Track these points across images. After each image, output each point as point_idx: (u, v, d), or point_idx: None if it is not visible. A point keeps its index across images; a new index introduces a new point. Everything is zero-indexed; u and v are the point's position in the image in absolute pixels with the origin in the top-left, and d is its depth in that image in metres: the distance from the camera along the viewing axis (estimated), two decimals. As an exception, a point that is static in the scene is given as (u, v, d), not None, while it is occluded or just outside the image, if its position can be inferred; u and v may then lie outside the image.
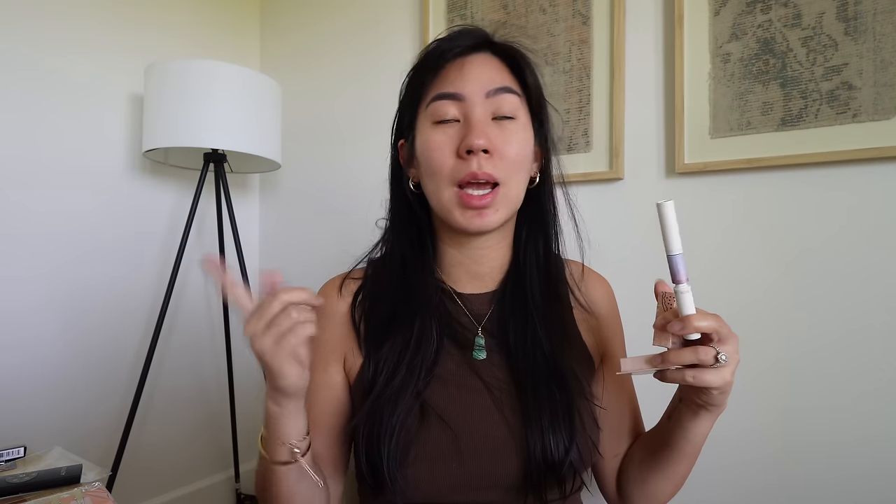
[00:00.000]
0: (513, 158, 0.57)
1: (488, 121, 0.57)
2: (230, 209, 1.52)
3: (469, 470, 0.56)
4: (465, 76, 0.57)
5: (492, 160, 0.56)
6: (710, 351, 0.45)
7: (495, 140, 0.56)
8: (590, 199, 1.28)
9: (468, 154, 0.56)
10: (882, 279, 0.98)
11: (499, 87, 0.57)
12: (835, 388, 1.02)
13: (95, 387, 1.53)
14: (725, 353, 0.45)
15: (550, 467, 0.55)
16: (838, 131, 1.00)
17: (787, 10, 1.04)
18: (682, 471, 0.59)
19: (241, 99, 1.41)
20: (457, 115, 0.57)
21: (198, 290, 1.79)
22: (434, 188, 0.59)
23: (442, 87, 0.58)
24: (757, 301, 1.09)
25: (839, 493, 1.01)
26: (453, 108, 0.57)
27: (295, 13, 1.88)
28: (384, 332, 0.61)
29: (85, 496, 0.69)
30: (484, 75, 0.58)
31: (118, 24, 1.55)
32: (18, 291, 1.38)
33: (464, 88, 0.57)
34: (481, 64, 0.58)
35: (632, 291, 1.22)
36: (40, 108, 1.40)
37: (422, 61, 0.62)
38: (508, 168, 0.57)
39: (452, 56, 0.58)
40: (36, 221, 1.40)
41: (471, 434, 0.56)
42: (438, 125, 0.58)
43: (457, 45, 0.58)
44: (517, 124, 0.59)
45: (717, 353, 0.45)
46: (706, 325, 0.45)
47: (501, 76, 0.59)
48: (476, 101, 0.57)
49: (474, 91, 0.57)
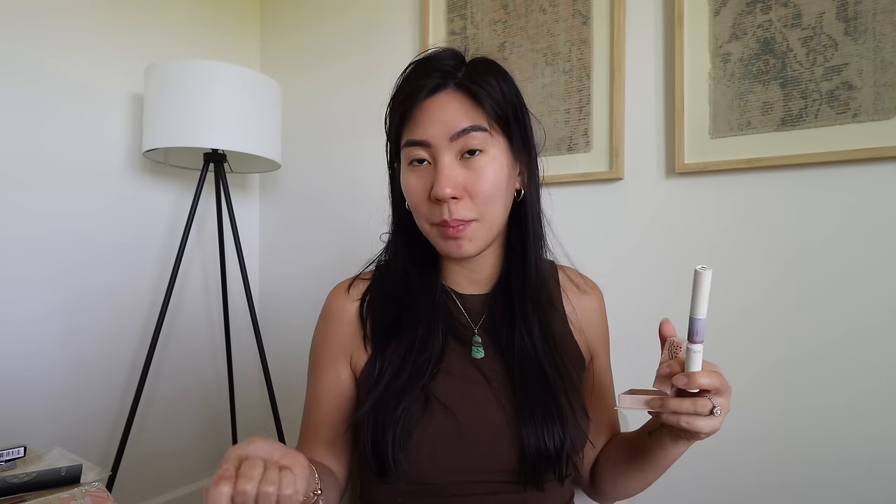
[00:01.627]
0: (486, 193, 0.59)
1: (455, 164, 0.59)
2: (230, 209, 1.52)
3: (469, 453, 0.58)
4: (430, 121, 0.59)
5: (462, 203, 0.59)
6: (708, 404, 0.50)
7: (465, 182, 0.58)
8: (590, 199, 1.28)
9: (438, 201, 0.58)
10: (882, 279, 0.98)
11: (462, 128, 0.58)
12: (835, 388, 1.02)
13: (95, 387, 1.53)
14: (720, 405, 0.50)
15: (545, 456, 0.58)
16: (838, 131, 1.00)
17: (787, 10, 1.04)
18: (652, 477, 0.64)
19: (241, 99, 1.41)
20: (427, 158, 0.60)
21: (198, 290, 1.79)
22: (417, 222, 0.64)
23: (411, 133, 0.60)
24: (757, 301, 1.09)
25: (840, 493, 1.01)
26: (423, 152, 0.60)
27: (295, 13, 1.88)
28: (391, 332, 0.64)
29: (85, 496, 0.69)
30: (447, 118, 0.58)
31: (118, 24, 1.55)
32: (18, 291, 1.38)
33: (428, 134, 0.59)
34: (443, 106, 0.59)
35: (632, 291, 1.23)
36: (41, 109, 1.40)
37: (395, 98, 0.63)
38: (481, 205, 0.59)
39: (419, 100, 0.60)
40: (36, 221, 1.40)
41: (471, 420, 0.59)
42: (413, 167, 0.61)
43: (421, 84, 0.59)
44: (486, 157, 0.60)
45: (714, 407, 0.50)
46: (708, 383, 0.49)
47: (465, 114, 0.59)
48: (441, 146, 0.58)
49: (438, 136, 0.58)
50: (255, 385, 1.97)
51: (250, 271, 1.83)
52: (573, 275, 0.75)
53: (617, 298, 1.23)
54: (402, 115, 0.61)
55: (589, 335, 0.72)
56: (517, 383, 0.61)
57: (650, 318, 1.20)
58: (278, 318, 1.92)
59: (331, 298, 0.71)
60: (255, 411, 1.97)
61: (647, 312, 1.20)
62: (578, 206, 1.30)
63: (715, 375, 0.50)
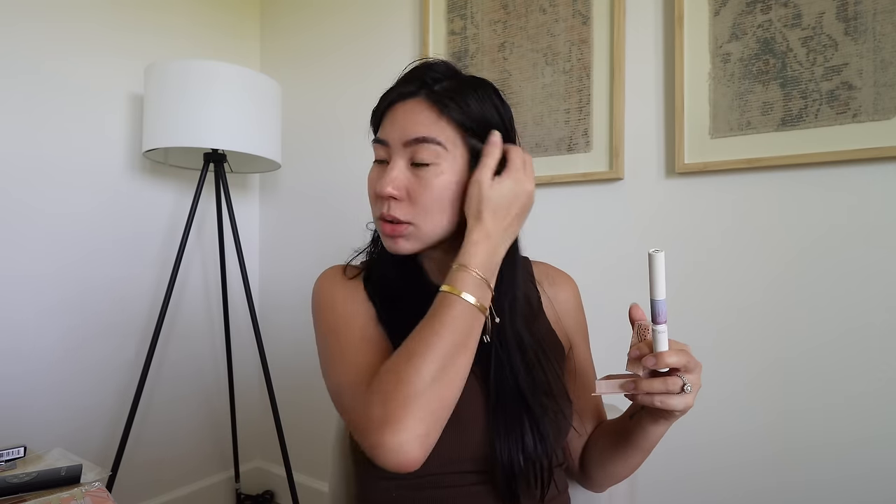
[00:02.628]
0: (426, 203, 0.61)
1: (405, 168, 0.62)
2: (230, 209, 1.52)
3: (460, 442, 0.60)
4: (392, 124, 0.62)
5: (401, 205, 0.61)
6: (678, 382, 0.52)
7: (409, 186, 0.61)
8: (590, 199, 1.28)
9: (380, 197, 0.62)
10: (882, 279, 0.98)
11: (415, 137, 0.60)
12: (835, 388, 1.02)
13: (96, 387, 1.53)
14: (690, 382, 0.52)
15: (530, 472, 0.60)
16: (838, 131, 1.00)
17: (787, 10, 1.04)
18: (637, 460, 0.66)
19: (241, 99, 1.41)
20: (386, 157, 0.63)
21: (198, 290, 1.79)
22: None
23: (378, 132, 0.65)
24: (757, 301, 1.09)
25: (840, 494, 1.01)
26: (382, 151, 0.63)
27: (295, 14, 1.88)
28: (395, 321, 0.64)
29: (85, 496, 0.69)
30: (406, 124, 0.61)
31: (118, 25, 1.55)
32: (18, 291, 1.38)
33: (387, 136, 0.63)
34: (407, 112, 0.62)
35: (632, 291, 1.22)
36: (42, 110, 1.40)
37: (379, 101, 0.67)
38: (419, 211, 0.61)
39: (390, 103, 0.63)
40: (36, 221, 1.40)
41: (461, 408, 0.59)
42: (376, 164, 0.65)
43: (398, 90, 0.63)
44: (434, 170, 0.61)
45: (684, 384, 0.52)
46: (676, 361, 0.52)
47: (423, 125, 0.61)
48: (395, 149, 0.62)
49: (394, 139, 0.62)
50: (255, 385, 1.97)
51: (250, 271, 1.83)
52: (546, 269, 0.78)
53: (616, 298, 1.23)
54: (377, 115, 0.66)
55: (567, 325, 0.75)
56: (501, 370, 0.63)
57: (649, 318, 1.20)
58: (278, 317, 1.92)
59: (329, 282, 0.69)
60: (255, 411, 1.97)
61: (647, 312, 1.20)
62: (578, 206, 1.30)
63: (682, 354, 0.52)
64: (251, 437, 1.95)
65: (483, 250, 0.57)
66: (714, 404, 1.13)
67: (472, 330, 0.55)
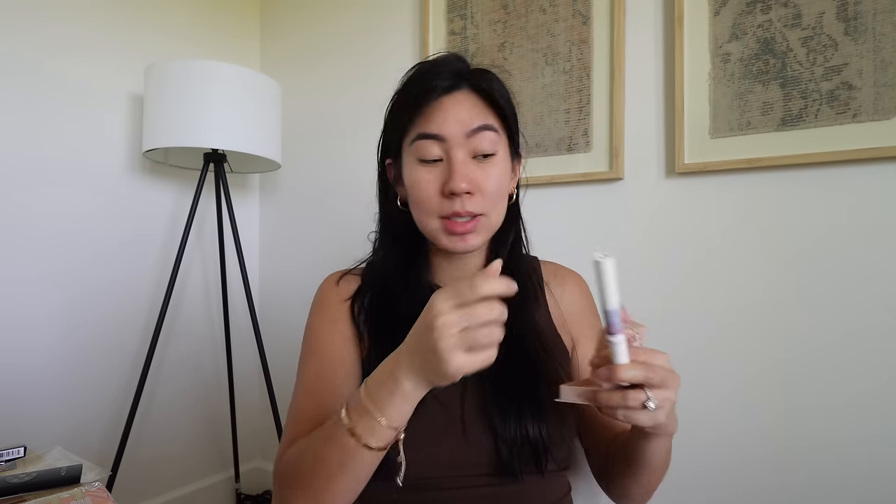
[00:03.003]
0: (493, 193, 0.62)
1: (468, 161, 0.61)
2: (230, 209, 1.52)
3: (461, 446, 0.60)
4: (446, 117, 0.60)
5: (473, 199, 0.60)
6: (639, 397, 0.47)
7: (476, 179, 0.60)
8: (590, 199, 1.28)
9: (452, 195, 0.60)
10: (882, 279, 0.98)
11: (477, 126, 0.60)
12: (835, 388, 1.02)
13: (96, 387, 1.53)
14: (657, 398, 0.47)
15: (524, 444, 0.59)
16: (838, 131, 1.00)
17: (787, 10, 1.04)
18: (646, 478, 0.62)
19: (241, 99, 1.41)
20: (440, 155, 0.61)
21: (198, 290, 1.79)
22: (420, 217, 0.64)
23: (425, 127, 0.61)
24: (757, 301, 1.09)
25: (840, 493, 1.01)
26: (436, 147, 0.61)
27: (295, 14, 1.88)
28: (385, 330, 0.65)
29: (85, 496, 0.69)
30: (463, 115, 0.61)
31: (118, 25, 1.55)
32: (19, 292, 1.38)
33: (444, 129, 0.60)
34: (460, 102, 0.61)
35: (631, 291, 1.23)
36: (42, 110, 1.40)
37: (404, 94, 0.64)
38: (489, 202, 0.62)
39: (434, 96, 0.61)
40: (35, 222, 1.40)
41: (461, 412, 0.61)
42: (423, 163, 0.62)
43: (437, 83, 0.61)
44: (496, 158, 0.62)
45: (647, 400, 0.47)
46: (632, 376, 0.46)
47: (480, 114, 0.62)
48: (457, 143, 0.60)
49: (454, 132, 0.60)
50: (255, 385, 1.97)
51: (250, 271, 1.83)
52: (556, 268, 0.78)
53: (617, 298, 1.23)
54: (415, 109, 0.62)
55: (576, 322, 0.74)
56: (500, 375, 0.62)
57: (649, 318, 1.20)
58: (278, 317, 1.92)
59: (324, 293, 0.72)
60: (255, 411, 1.97)
61: (647, 312, 1.20)
62: (578, 206, 1.30)
63: (642, 367, 0.47)
64: (251, 437, 1.95)
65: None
66: (714, 404, 1.13)
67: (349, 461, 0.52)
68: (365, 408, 0.50)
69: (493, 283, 0.45)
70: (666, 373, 0.47)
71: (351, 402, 0.52)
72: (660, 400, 0.47)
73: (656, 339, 1.18)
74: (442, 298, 0.45)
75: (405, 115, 0.63)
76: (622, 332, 0.47)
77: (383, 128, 0.70)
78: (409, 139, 0.63)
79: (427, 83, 0.61)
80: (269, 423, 1.78)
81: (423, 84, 0.62)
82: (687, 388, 1.17)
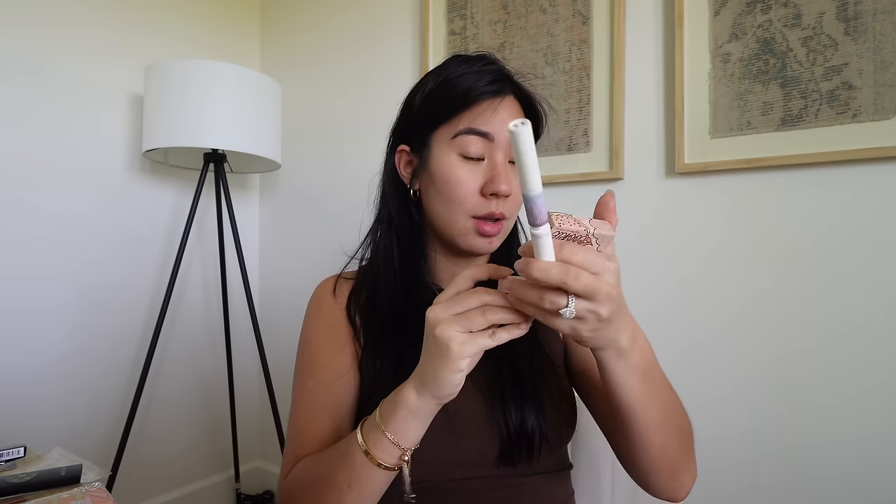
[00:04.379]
0: (519, 199, 0.63)
1: (508, 164, 0.62)
2: (230, 209, 1.52)
3: (460, 447, 0.60)
4: (499, 119, 0.61)
5: (507, 203, 0.62)
6: (557, 302, 0.39)
7: (511, 184, 0.62)
8: (590, 199, 1.28)
9: (492, 196, 0.61)
10: (881, 278, 0.98)
11: None
12: (835, 386, 1.02)
13: (96, 387, 1.53)
14: (580, 309, 0.39)
15: (522, 436, 0.59)
16: (838, 131, 1.00)
17: (787, 10, 1.04)
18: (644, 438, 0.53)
19: (241, 99, 1.41)
20: (482, 154, 0.61)
21: (198, 290, 1.79)
22: (448, 213, 0.63)
23: (475, 123, 0.61)
24: (756, 300, 1.09)
25: (841, 492, 1.01)
26: (482, 145, 0.61)
27: (295, 14, 1.88)
28: (383, 331, 0.64)
29: (85, 496, 0.69)
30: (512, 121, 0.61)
31: (118, 26, 1.55)
32: (19, 292, 1.38)
33: (495, 130, 0.61)
34: (511, 108, 0.63)
35: (631, 291, 1.23)
36: (42, 110, 1.40)
37: (449, 86, 0.63)
38: (515, 207, 0.64)
39: (489, 94, 0.61)
40: (35, 222, 1.40)
41: (459, 413, 0.60)
42: (464, 159, 0.61)
43: (490, 85, 0.61)
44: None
45: (564, 307, 0.39)
46: (542, 276, 0.38)
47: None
48: (502, 145, 0.61)
49: (503, 135, 0.61)
50: (255, 385, 1.97)
51: (250, 271, 1.83)
52: None
53: (617, 298, 1.23)
54: (466, 104, 0.61)
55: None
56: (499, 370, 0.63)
57: (649, 318, 1.20)
58: (278, 317, 1.92)
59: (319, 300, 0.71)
60: (255, 411, 1.97)
61: (647, 312, 1.20)
62: (578, 206, 1.29)
63: (560, 269, 0.38)
64: (251, 437, 1.95)
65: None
66: (713, 402, 1.13)
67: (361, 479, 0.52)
68: (375, 424, 0.50)
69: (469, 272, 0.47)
70: (592, 280, 0.38)
71: (366, 419, 0.53)
72: (580, 311, 0.40)
73: (656, 338, 1.18)
74: (431, 308, 0.47)
75: (450, 108, 0.62)
76: (546, 223, 0.38)
77: (407, 112, 0.68)
78: (451, 131, 0.61)
79: (478, 81, 0.61)
80: (269, 423, 1.78)
81: (474, 81, 0.61)
82: (687, 386, 1.17)
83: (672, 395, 0.55)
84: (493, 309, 0.45)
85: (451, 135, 0.61)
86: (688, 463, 0.57)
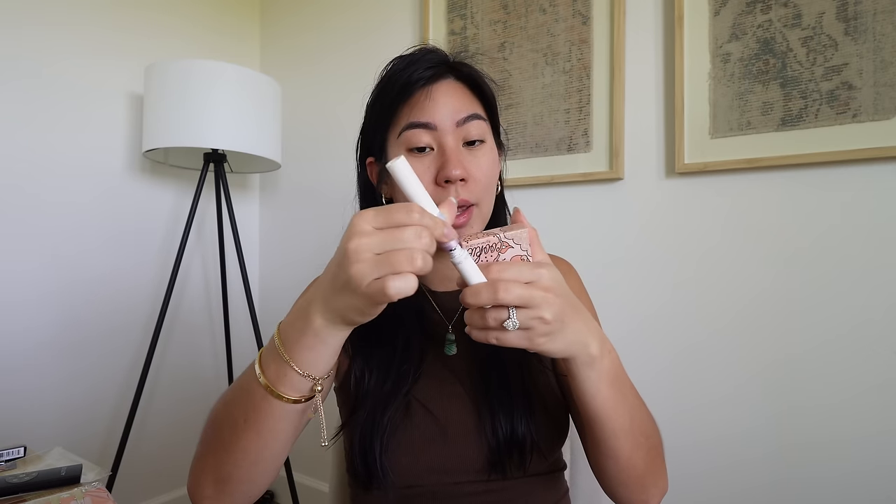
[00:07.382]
0: (484, 180, 0.60)
1: (460, 148, 0.60)
2: (230, 209, 1.52)
3: (450, 453, 0.59)
4: (436, 105, 0.59)
5: (467, 186, 0.59)
6: (499, 317, 0.40)
7: (469, 166, 0.59)
8: (590, 199, 1.28)
9: (446, 183, 0.58)
10: (881, 278, 0.98)
11: (467, 115, 0.60)
12: (834, 386, 1.02)
13: (96, 387, 1.53)
14: (523, 318, 0.40)
15: (512, 445, 0.58)
16: (838, 131, 1.00)
17: (787, 10, 1.04)
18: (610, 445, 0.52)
19: (241, 99, 1.41)
20: (430, 143, 0.59)
21: (198, 290, 1.79)
22: None
23: (414, 116, 0.59)
24: (756, 300, 1.09)
25: (841, 492, 1.01)
26: (427, 136, 0.59)
27: (295, 14, 1.88)
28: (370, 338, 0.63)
29: (85, 496, 0.69)
30: (452, 103, 0.60)
31: (118, 26, 1.55)
32: (19, 292, 1.38)
33: (436, 117, 0.59)
34: (448, 92, 0.60)
35: (631, 291, 1.23)
36: (42, 110, 1.40)
37: (388, 86, 0.63)
38: (481, 190, 0.60)
39: (421, 85, 0.60)
40: (35, 222, 1.40)
41: (448, 419, 0.60)
42: (414, 154, 0.60)
43: (422, 73, 0.60)
44: (485, 147, 0.62)
45: (506, 320, 0.40)
46: (474, 301, 0.40)
47: (468, 102, 0.61)
48: (448, 130, 0.59)
49: (445, 120, 0.59)
50: (255, 385, 1.97)
51: (250, 271, 1.83)
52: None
53: (616, 298, 1.23)
54: (403, 100, 0.60)
55: None
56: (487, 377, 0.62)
57: (648, 318, 1.20)
58: (278, 317, 1.92)
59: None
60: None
61: (646, 312, 1.20)
62: (578, 206, 1.30)
63: (488, 288, 0.39)
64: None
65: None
66: (712, 403, 1.13)
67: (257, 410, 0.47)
68: (276, 352, 0.45)
69: (430, 213, 0.40)
70: (524, 290, 0.40)
71: (264, 349, 0.48)
72: (522, 320, 0.40)
73: (656, 338, 1.18)
74: (364, 219, 0.39)
75: (391, 107, 0.61)
76: (457, 247, 0.39)
77: (363, 126, 0.69)
78: (396, 131, 0.61)
79: (412, 73, 0.60)
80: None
81: (408, 74, 0.60)
82: (687, 387, 1.17)
83: (640, 402, 0.55)
84: (423, 253, 0.38)
85: (397, 134, 0.61)
86: (656, 476, 0.57)
